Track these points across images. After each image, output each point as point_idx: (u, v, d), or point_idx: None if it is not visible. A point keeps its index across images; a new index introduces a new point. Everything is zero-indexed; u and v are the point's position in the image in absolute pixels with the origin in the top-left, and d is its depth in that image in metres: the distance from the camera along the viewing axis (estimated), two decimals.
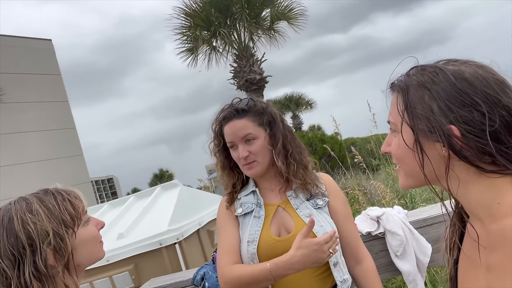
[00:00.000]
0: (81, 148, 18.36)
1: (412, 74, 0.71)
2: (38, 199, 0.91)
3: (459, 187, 0.67)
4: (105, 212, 3.29)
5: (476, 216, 0.69)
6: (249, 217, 1.31)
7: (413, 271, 1.59)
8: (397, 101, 0.72)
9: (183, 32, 11.69)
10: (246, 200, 1.34)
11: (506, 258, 0.60)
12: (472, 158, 0.63)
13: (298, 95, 31.15)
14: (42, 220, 0.87)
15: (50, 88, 17.07)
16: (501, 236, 0.62)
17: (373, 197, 5.49)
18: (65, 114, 17.79)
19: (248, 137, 1.28)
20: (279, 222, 1.29)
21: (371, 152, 7.60)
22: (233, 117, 1.29)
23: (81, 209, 0.95)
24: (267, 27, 11.80)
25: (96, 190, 68.37)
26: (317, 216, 1.26)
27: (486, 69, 0.66)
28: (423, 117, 0.66)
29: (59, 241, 0.87)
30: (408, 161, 0.72)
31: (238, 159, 1.29)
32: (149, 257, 2.29)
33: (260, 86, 11.59)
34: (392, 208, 1.80)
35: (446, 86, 0.65)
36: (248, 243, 1.25)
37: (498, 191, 0.64)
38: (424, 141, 0.67)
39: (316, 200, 1.31)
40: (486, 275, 0.66)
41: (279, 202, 1.33)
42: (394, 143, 0.75)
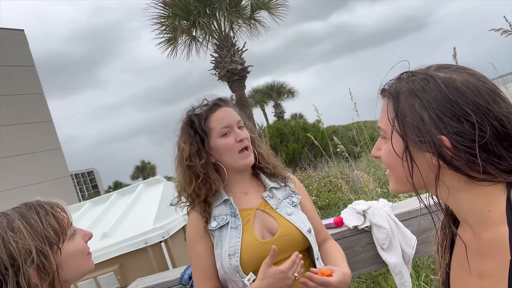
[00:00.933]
0: (59, 142, 17.91)
1: (403, 79, 0.70)
2: (20, 215, 0.86)
3: (449, 195, 0.68)
4: (86, 211, 3.21)
5: (467, 223, 0.69)
6: (225, 229, 1.24)
7: (399, 263, 1.62)
8: (387, 108, 0.71)
9: (162, 22, 11.44)
10: (219, 212, 1.26)
11: (499, 266, 0.61)
12: (463, 167, 0.63)
13: (279, 84, 31.21)
14: (24, 238, 0.83)
15: (24, 80, 16.49)
16: (493, 244, 0.62)
17: (355, 184, 5.58)
18: (41, 107, 17.27)
19: (241, 123, 1.29)
20: (261, 225, 1.25)
21: (353, 140, 7.70)
22: (223, 105, 1.29)
23: (66, 222, 0.92)
24: (248, 16, 11.66)
25: (76, 183, 67.14)
26: (297, 214, 1.28)
27: (477, 77, 0.66)
28: (413, 126, 0.66)
29: (43, 259, 0.83)
30: (398, 168, 0.72)
31: (234, 144, 1.24)
32: (134, 256, 2.26)
33: (242, 76, 11.50)
34: (377, 200, 1.82)
35: (437, 95, 0.64)
36: (229, 257, 1.19)
37: (489, 198, 0.64)
38: (414, 150, 0.67)
39: (291, 199, 1.33)
40: (478, 282, 0.67)
41: (256, 205, 1.29)
42: (384, 149, 0.75)
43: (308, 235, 1.24)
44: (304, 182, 6.79)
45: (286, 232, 1.22)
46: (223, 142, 1.25)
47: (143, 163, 60.46)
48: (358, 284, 2.76)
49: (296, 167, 9.55)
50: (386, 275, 2.68)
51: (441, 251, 0.79)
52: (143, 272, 2.05)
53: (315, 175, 7.40)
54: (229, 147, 1.24)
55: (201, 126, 1.25)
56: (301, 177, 7.53)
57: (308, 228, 1.25)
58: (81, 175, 79.61)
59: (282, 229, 1.22)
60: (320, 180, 6.66)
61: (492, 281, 0.63)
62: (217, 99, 1.31)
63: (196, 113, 1.28)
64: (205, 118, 1.26)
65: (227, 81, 11.62)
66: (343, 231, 1.68)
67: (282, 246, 1.19)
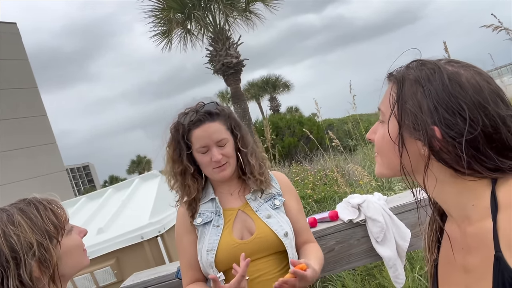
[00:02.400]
0: (54, 136, 17.80)
1: (412, 67, 0.71)
2: (19, 210, 0.87)
3: (436, 187, 0.69)
4: (82, 206, 3.21)
5: (452, 216, 0.70)
6: (208, 226, 1.32)
7: (393, 256, 1.64)
8: (390, 92, 0.72)
9: (156, 14, 11.33)
10: (205, 209, 1.35)
11: (483, 261, 0.61)
12: (449, 160, 0.64)
13: (274, 77, 31.13)
14: (25, 231, 0.84)
15: (17, 74, 16.32)
16: (477, 239, 0.63)
17: (351, 178, 5.61)
18: (35, 101, 17.12)
19: (221, 143, 1.29)
20: (241, 225, 1.31)
21: (349, 133, 7.72)
22: (206, 120, 1.27)
23: (63, 218, 0.93)
24: (243, 8, 11.58)
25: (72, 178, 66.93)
26: (276, 217, 1.32)
27: (483, 76, 0.66)
28: (411, 113, 0.67)
29: (44, 252, 0.85)
30: (388, 153, 0.73)
31: (209, 162, 1.28)
32: (130, 251, 2.27)
33: (237, 70, 11.44)
34: (372, 194, 1.84)
35: (439, 86, 0.65)
36: (207, 252, 1.27)
37: (474, 193, 0.65)
38: (407, 137, 0.68)
39: (273, 201, 1.36)
40: (463, 276, 0.67)
41: (239, 206, 1.35)
42: (379, 132, 0.76)
43: (284, 238, 1.27)
44: (300, 175, 6.81)
45: (262, 234, 1.27)
46: (199, 158, 1.30)
47: (139, 157, 60.25)
48: (353, 276, 2.79)
49: (292, 160, 9.57)
50: (381, 267, 2.71)
51: (428, 246, 0.80)
52: (140, 267, 2.06)
53: (311, 169, 7.41)
54: (204, 164, 1.30)
55: (183, 137, 1.29)
56: (296, 170, 7.54)
57: (284, 232, 1.28)
58: (76, 170, 79.30)
59: (258, 231, 1.28)
60: (316, 174, 6.68)
61: (476, 275, 0.64)
62: (202, 113, 1.27)
63: (183, 122, 1.30)
64: (188, 130, 1.28)
65: (222, 74, 11.55)
66: (338, 224, 1.69)
67: (257, 248, 1.27)
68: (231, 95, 11.87)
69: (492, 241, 0.59)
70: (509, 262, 0.57)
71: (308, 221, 1.73)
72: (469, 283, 0.66)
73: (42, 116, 17.25)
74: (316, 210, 4.70)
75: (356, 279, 2.75)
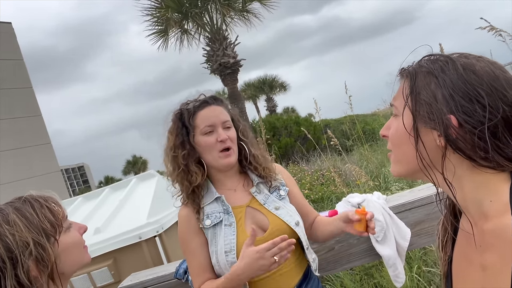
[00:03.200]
0: (49, 136, 17.69)
1: (424, 61, 0.71)
2: (14, 209, 0.85)
3: (453, 181, 0.67)
4: (78, 206, 3.18)
5: (468, 212, 0.68)
6: (219, 227, 1.27)
7: (393, 256, 1.63)
8: (403, 86, 0.72)
9: (153, 13, 11.30)
10: (212, 210, 1.29)
11: (501, 258, 0.60)
12: (466, 150, 0.63)
13: (271, 78, 31.13)
14: (20, 230, 0.82)
15: (12, 74, 16.22)
16: (495, 236, 0.62)
17: (348, 178, 5.61)
18: (30, 101, 17.01)
19: (227, 124, 1.30)
20: (252, 221, 1.28)
21: (345, 134, 7.72)
22: (212, 103, 1.31)
23: (61, 215, 0.91)
24: (240, 8, 11.57)
25: (67, 179, 66.52)
26: (284, 208, 1.31)
27: (497, 65, 0.66)
28: (425, 103, 0.66)
29: (41, 251, 0.83)
30: (402, 146, 0.72)
31: (215, 143, 1.26)
32: (128, 251, 2.25)
33: (234, 70, 11.43)
34: (372, 193, 1.83)
35: (453, 75, 0.64)
36: (226, 254, 1.22)
37: (492, 188, 0.64)
38: (422, 128, 0.67)
39: (279, 192, 1.36)
40: (481, 274, 0.66)
41: (246, 203, 1.32)
42: (393, 126, 0.75)
43: (296, 228, 1.27)
44: (297, 175, 6.81)
45: (276, 227, 1.26)
46: (204, 140, 1.27)
47: (135, 158, 60.02)
48: (351, 276, 2.78)
49: (289, 161, 9.57)
50: (379, 267, 2.71)
51: (442, 245, 0.79)
52: (138, 267, 2.04)
53: (308, 169, 7.41)
54: (209, 145, 1.27)
55: (189, 120, 1.29)
56: (293, 170, 7.54)
57: (296, 221, 1.28)
58: (71, 170, 78.82)
59: (272, 225, 1.26)
60: (313, 174, 6.68)
61: (494, 273, 0.63)
62: (209, 97, 1.32)
63: (187, 107, 1.31)
64: (193, 113, 1.29)
65: (220, 74, 11.54)
66: None
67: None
68: (228, 95, 11.85)
69: (511, 237, 0.58)
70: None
71: None
72: (486, 281, 0.65)
73: (37, 116, 17.14)
74: None
75: (355, 279, 2.75)
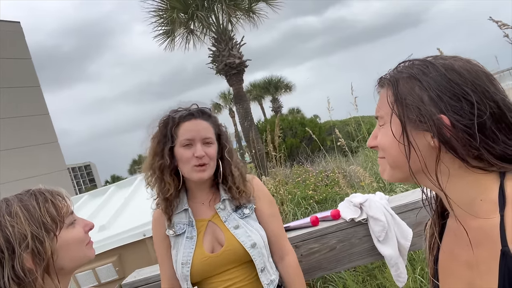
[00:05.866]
0: (56, 135, 17.84)
1: (401, 68, 0.71)
2: (19, 201, 0.87)
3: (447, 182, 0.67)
4: (84, 204, 3.22)
5: (457, 211, 0.69)
6: (182, 237, 1.31)
7: (395, 255, 1.64)
8: (386, 94, 0.71)
9: (160, 14, 11.36)
10: (178, 220, 1.34)
11: (489, 256, 0.61)
12: (459, 149, 0.63)
13: (277, 79, 31.12)
14: (20, 222, 0.84)
15: (20, 73, 16.38)
16: (483, 233, 0.63)
17: (352, 179, 5.60)
18: (38, 100, 17.16)
19: (207, 140, 1.29)
20: (212, 237, 1.30)
21: (350, 135, 7.71)
22: (198, 117, 1.30)
23: (64, 210, 0.92)
24: (246, 8, 11.59)
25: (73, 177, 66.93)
26: (244, 227, 1.30)
27: (474, 63, 0.67)
28: (413, 107, 0.66)
29: (38, 244, 0.84)
30: (393, 152, 0.71)
31: (191, 158, 1.26)
32: (132, 248, 2.27)
33: (240, 70, 11.44)
34: (374, 194, 1.84)
35: (437, 76, 0.65)
36: (182, 265, 1.26)
37: (482, 187, 0.64)
38: (413, 131, 0.67)
39: (243, 210, 1.34)
40: (467, 271, 0.67)
41: (209, 217, 1.34)
42: (381, 134, 0.74)
43: (251, 250, 1.26)
44: (302, 176, 6.81)
45: (230, 247, 1.26)
46: (181, 152, 1.27)
47: (140, 157, 60.20)
48: (354, 277, 2.79)
49: (294, 161, 9.57)
50: (382, 268, 2.71)
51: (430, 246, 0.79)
52: (142, 264, 2.07)
53: (312, 170, 7.41)
54: (185, 158, 1.27)
55: (171, 130, 1.29)
56: (298, 171, 7.54)
57: (252, 243, 1.27)
58: (78, 169, 79.35)
59: (227, 244, 1.27)
60: (317, 175, 6.67)
61: (481, 271, 0.63)
62: (196, 110, 1.31)
63: (174, 116, 1.31)
64: (177, 123, 1.29)
65: (225, 75, 11.56)
66: (340, 223, 1.69)
67: (227, 260, 1.27)
68: (234, 96, 11.88)
69: (498, 235, 0.59)
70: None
71: (310, 220, 1.74)
72: (472, 278, 0.65)
73: (45, 115, 17.29)
74: (317, 211, 4.69)
75: (357, 280, 2.75)
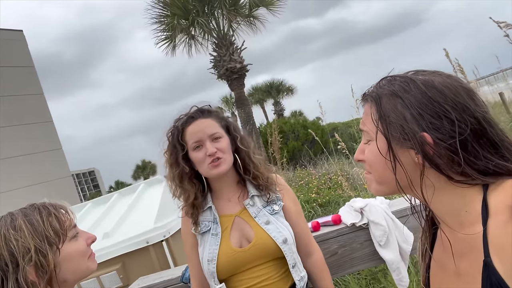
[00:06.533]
0: (60, 142, 17.94)
1: (383, 84, 0.72)
2: (24, 215, 0.90)
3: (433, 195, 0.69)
4: (88, 211, 3.24)
5: (445, 223, 0.71)
6: (207, 235, 1.32)
7: (396, 260, 1.64)
8: (370, 111, 0.73)
9: (161, 21, 11.43)
10: (203, 218, 1.35)
11: (473, 266, 0.62)
12: (442, 166, 0.65)
13: (278, 82, 31.16)
14: (24, 236, 0.86)
15: (24, 81, 16.52)
16: (468, 244, 0.64)
17: (355, 182, 5.59)
18: (41, 107, 17.28)
19: (215, 135, 1.29)
20: (239, 233, 1.30)
21: (353, 137, 7.70)
22: (198, 117, 1.31)
23: (67, 224, 0.94)
24: (246, 14, 11.64)
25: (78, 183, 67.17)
26: (275, 223, 1.30)
27: (453, 78, 0.68)
28: (397, 125, 0.67)
29: (41, 258, 0.86)
30: (380, 169, 0.73)
31: (204, 157, 1.27)
32: (136, 255, 2.29)
33: (241, 74, 11.48)
34: (375, 198, 1.84)
35: (417, 94, 0.66)
36: (208, 262, 1.27)
37: (466, 199, 0.66)
38: (398, 149, 0.68)
39: (272, 206, 1.34)
40: (455, 280, 0.68)
41: (236, 212, 1.33)
42: (368, 150, 0.76)
43: (283, 245, 1.26)
44: (304, 179, 6.81)
45: (260, 241, 1.26)
46: (194, 155, 1.29)
47: (144, 162, 60.43)
48: (358, 281, 2.78)
49: (296, 164, 9.57)
50: (385, 271, 2.70)
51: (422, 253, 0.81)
52: (145, 271, 2.09)
53: (315, 173, 7.40)
54: (199, 160, 1.28)
55: (178, 139, 1.31)
56: (301, 174, 7.54)
57: (283, 239, 1.27)
58: (82, 175, 79.61)
59: (256, 239, 1.27)
60: (320, 178, 6.67)
61: (467, 280, 0.65)
62: (195, 111, 1.32)
63: (176, 125, 1.33)
64: (181, 131, 1.31)
65: (226, 79, 11.60)
66: (341, 228, 1.70)
67: (256, 255, 1.26)
68: (235, 100, 11.92)
69: (481, 246, 0.61)
70: (497, 267, 0.58)
71: (311, 225, 1.74)
72: (460, 287, 0.67)
73: (48, 122, 17.40)
74: (320, 214, 4.69)
75: (361, 283, 2.75)
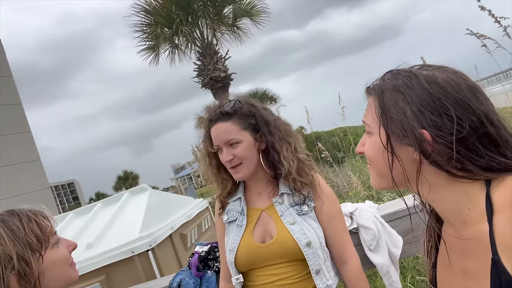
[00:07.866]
0: (38, 153, 17.45)
1: (387, 78, 0.72)
2: (1, 221, 0.85)
3: (430, 192, 0.68)
4: (70, 222, 3.13)
5: (448, 220, 0.70)
6: (233, 225, 1.33)
7: (386, 264, 1.64)
8: (373, 104, 0.72)
9: (144, 29, 11.37)
10: (232, 207, 1.36)
11: (481, 264, 0.62)
12: (442, 163, 0.64)
13: (262, 91, 31.31)
14: (5, 243, 0.81)
15: (2, 90, 16.05)
16: (474, 243, 0.63)
17: (340, 189, 5.63)
18: (19, 118, 16.78)
19: (232, 141, 1.25)
20: (264, 227, 1.28)
21: (336, 145, 7.77)
22: (218, 120, 1.28)
23: (48, 230, 0.90)
24: (230, 23, 11.71)
25: (57, 196, 65.46)
26: (301, 224, 1.24)
27: (458, 74, 0.67)
28: (397, 121, 0.67)
29: (24, 265, 0.82)
30: (379, 163, 0.73)
31: (224, 162, 1.28)
32: (121, 266, 2.22)
33: (225, 83, 11.51)
34: (364, 202, 1.85)
35: (419, 90, 0.66)
36: (229, 252, 1.28)
37: (469, 196, 0.65)
38: (397, 144, 0.68)
39: (301, 207, 1.28)
40: (463, 279, 0.68)
41: (263, 207, 1.31)
42: (368, 143, 0.76)
43: (305, 248, 1.21)
44: None
45: (281, 240, 1.22)
46: (220, 157, 1.30)
47: (126, 173, 59.46)
48: None
49: None
50: (372, 278, 2.70)
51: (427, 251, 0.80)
52: (130, 282, 2.02)
53: None
54: (223, 162, 1.30)
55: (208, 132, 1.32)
56: None
57: (307, 241, 1.21)
58: (61, 187, 77.64)
59: (277, 237, 1.24)
60: None
61: (475, 279, 0.64)
62: (214, 114, 1.29)
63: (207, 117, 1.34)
64: (208, 128, 1.32)
65: (211, 88, 11.60)
66: None
67: (275, 253, 1.23)
68: None
69: (489, 244, 0.60)
70: (505, 265, 0.57)
71: None
72: (468, 285, 0.66)
73: (27, 133, 16.92)
74: None
75: None
